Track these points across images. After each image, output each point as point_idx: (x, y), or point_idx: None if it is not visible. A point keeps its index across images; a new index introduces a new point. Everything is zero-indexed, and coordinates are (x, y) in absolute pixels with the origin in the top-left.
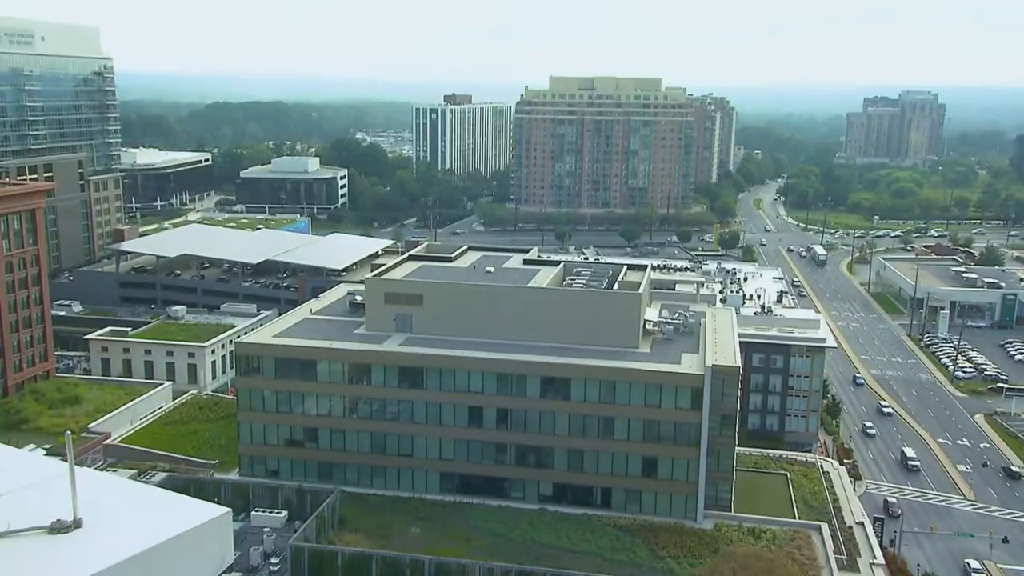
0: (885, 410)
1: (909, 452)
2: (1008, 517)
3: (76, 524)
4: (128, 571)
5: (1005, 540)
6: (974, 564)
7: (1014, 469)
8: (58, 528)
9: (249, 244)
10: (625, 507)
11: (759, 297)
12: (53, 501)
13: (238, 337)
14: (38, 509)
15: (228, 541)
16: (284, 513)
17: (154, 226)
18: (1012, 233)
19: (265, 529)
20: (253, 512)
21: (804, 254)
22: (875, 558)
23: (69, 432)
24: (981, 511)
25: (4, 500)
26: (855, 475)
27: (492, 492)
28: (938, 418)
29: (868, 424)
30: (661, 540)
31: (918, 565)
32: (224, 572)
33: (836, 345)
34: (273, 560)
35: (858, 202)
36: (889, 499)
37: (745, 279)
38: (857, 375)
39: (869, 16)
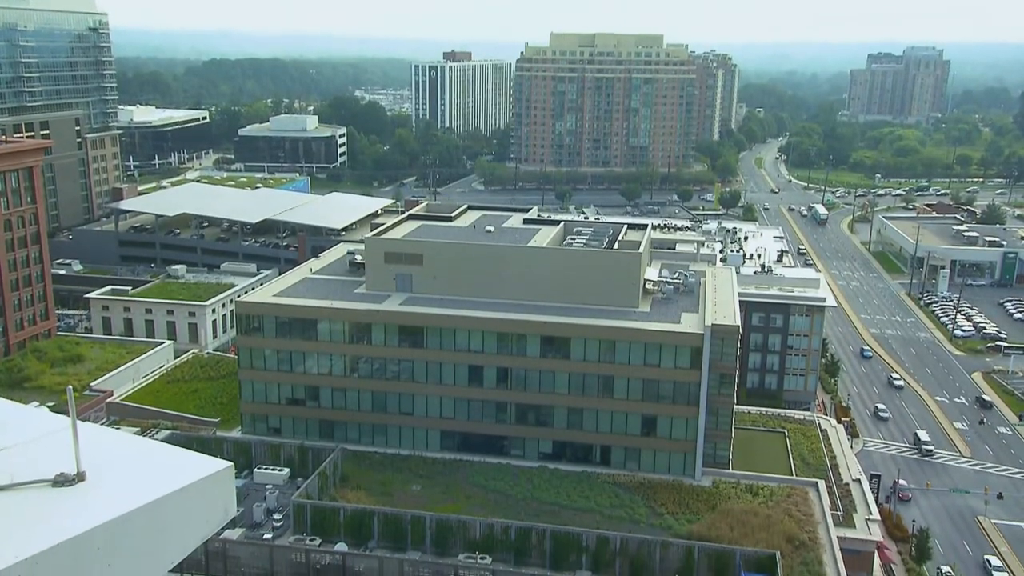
0: (896, 383)
1: (923, 436)
2: (1004, 473)
3: (79, 477)
4: (132, 523)
5: (1000, 496)
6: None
7: (985, 398)
8: (61, 481)
9: (248, 203)
10: (624, 465)
11: (759, 256)
12: (56, 455)
13: (238, 296)
14: (41, 463)
15: (231, 494)
16: (286, 470)
17: (152, 185)
18: (1000, 192)
19: (268, 486)
20: (256, 469)
21: (805, 213)
22: (871, 514)
23: (71, 387)
24: (977, 468)
25: (6, 454)
26: (853, 433)
27: (492, 450)
28: (936, 376)
29: (881, 407)
30: (659, 497)
31: (913, 521)
32: (228, 528)
33: (836, 304)
34: (276, 516)
35: (860, 160)
36: (900, 482)
37: (746, 238)
38: (865, 347)
39: None
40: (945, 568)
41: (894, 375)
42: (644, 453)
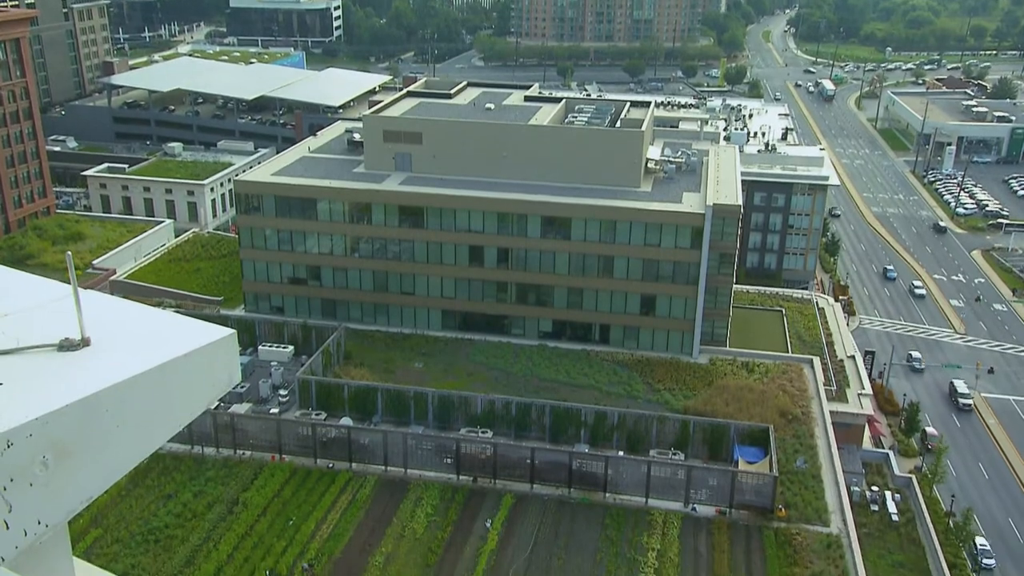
0: (918, 291)
1: (961, 387)
2: (996, 349)
3: (84, 342)
4: (139, 387)
5: (991, 371)
6: (915, 354)
7: (940, 224)
8: (67, 346)
9: (243, 79)
10: (623, 343)
11: (763, 134)
12: (59, 321)
13: (237, 175)
14: (45, 328)
15: (235, 361)
16: (290, 348)
17: (144, 59)
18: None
19: (272, 363)
20: (260, 347)
21: (812, 89)
22: (863, 389)
23: (70, 253)
24: (970, 344)
25: (10, 320)
26: (850, 311)
27: (493, 329)
28: (935, 254)
29: (914, 354)
30: (657, 374)
31: (904, 395)
32: (235, 402)
33: (839, 183)
34: (282, 392)
35: (871, 33)
36: (928, 431)
37: (750, 116)
38: (889, 267)
39: None
40: (930, 430)
41: (889, 266)
42: (643, 332)
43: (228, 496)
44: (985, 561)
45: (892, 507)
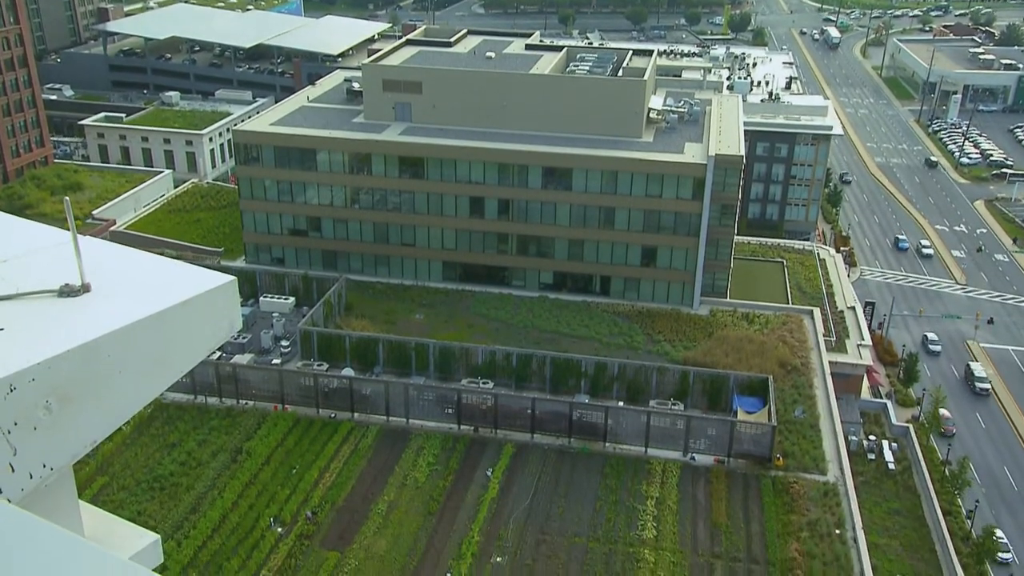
0: (926, 251)
1: (977, 370)
2: (996, 300)
3: (84, 288)
4: (140, 332)
5: (991, 321)
6: (931, 336)
7: (932, 159)
8: (67, 292)
9: (240, 26)
10: (623, 295)
11: (767, 83)
12: (59, 267)
13: (235, 125)
14: (44, 274)
15: (236, 308)
16: (292, 299)
17: (139, 5)
18: None
19: (274, 314)
20: (262, 298)
21: (817, 37)
22: (862, 340)
23: (67, 199)
24: (971, 294)
25: (9, 266)
26: (851, 262)
27: (493, 281)
28: (938, 205)
29: (930, 335)
30: (657, 325)
31: (903, 346)
32: (237, 353)
33: (842, 133)
34: (284, 343)
35: None
36: (943, 413)
37: (754, 64)
38: (900, 236)
39: None
40: (943, 412)
41: (901, 235)
42: (643, 283)
43: (232, 445)
44: (1001, 556)
45: (889, 456)
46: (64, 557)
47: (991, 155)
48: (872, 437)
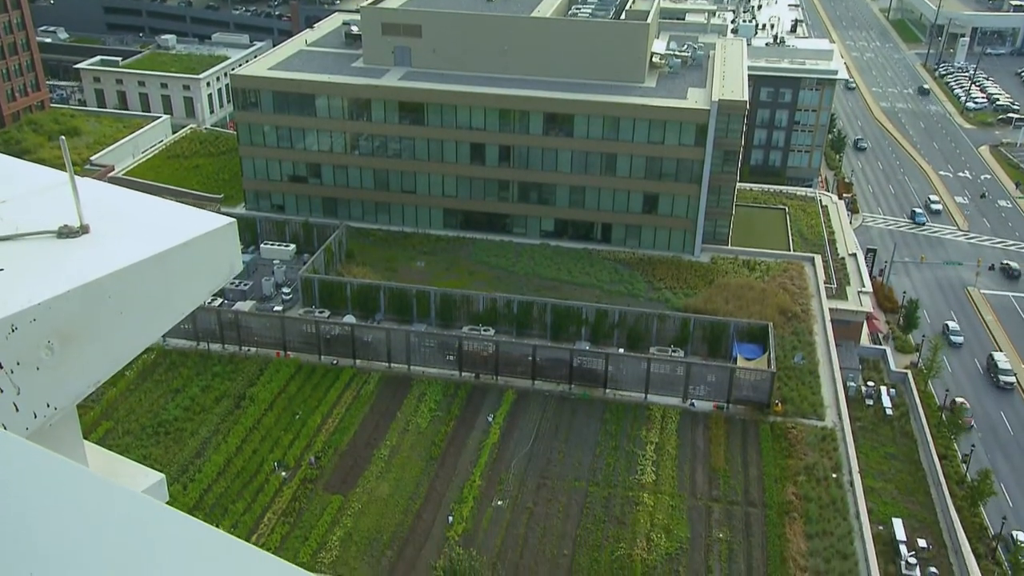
0: (934, 206)
1: (1001, 361)
2: (999, 246)
3: (83, 229)
4: (141, 274)
5: (992, 268)
6: (952, 326)
7: (925, 87)
8: (66, 233)
9: None
10: (625, 242)
11: (772, 27)
12: (57, 208)
13: (233, 69)
14: (43, 215)
15: (236, 250)
16: (292, 246)
17: None
18: None
19: (275, 261)
20: (262, 245)
21: None
22: (863, 287)
23: (63, 138)
24: (973, 241)
25: (7, 206)
26: (853, 209)
27: (494, 228)
28: (942, 150)
29: (952, 326)
30: (658, 272)
31: (904, 292)
32: (239, 300)
33: (848, 77)
34: (285, 290)
35: None
36: (961, 402)
37: (759, 7)
38: (917, 210)
39: None
40: (960, 400)
41: (918, 208)
42: (645, 231)
43: (235, 391)
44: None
45: (887, 401)
46: (72, 487)
47: (998, 99)
48: (870, 383)
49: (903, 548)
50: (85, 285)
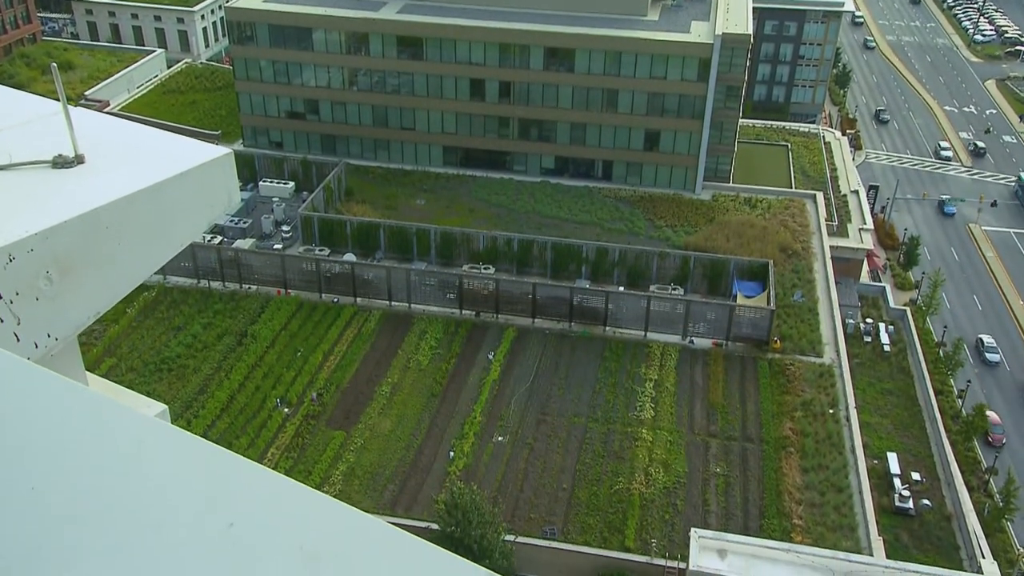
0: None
1: (988, 340)
2: (1002, 182)
3: (78, 159)
4: (138, 204)
5: (994, 204)
6: (988, 341)
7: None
8: (60, 163)
9: None
10: (626, 179)
11: None
12: (51, 138)
13: (228, 2)
14: (36, 145)
15: (233, 182)
16: (291, 184)
17: None
18: None
19: (274, 199)
20: (261, 182)
21: None
22: (864, 223)
23: (55, 64)
24: (975, 177)
25: (0, 135)
26: (856, 145)
27: (494, 165)
28: (948, 85)
29: (986, 340)
30: (659, 210)
31: (905, 229)
32: (238, 237)
33: (855, 8)
34: (284, 228)
35: None
36: (990, 415)
37: None
38: (945, 197)
39: None
40: (991, 415)
41: (945, 195)
42: (646, 168)
43: (236, 328)
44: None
45: (885, 338)
46: (78, 406)
47: (1006, 32)
48: (869, 320)
49: (897, 481)
50: (82, 215)
